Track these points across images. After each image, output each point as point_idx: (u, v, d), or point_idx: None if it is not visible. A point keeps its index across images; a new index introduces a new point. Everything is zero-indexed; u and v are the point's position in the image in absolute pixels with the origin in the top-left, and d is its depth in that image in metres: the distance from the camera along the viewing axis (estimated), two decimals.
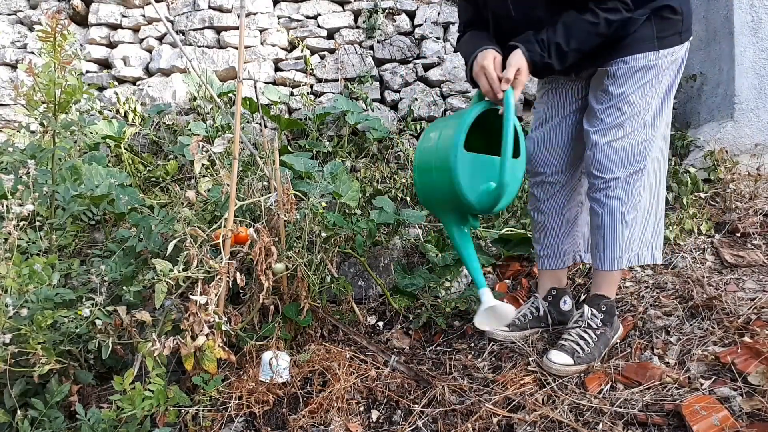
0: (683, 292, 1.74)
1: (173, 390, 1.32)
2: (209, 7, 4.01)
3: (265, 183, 1.77)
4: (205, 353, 1.37)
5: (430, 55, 3.86)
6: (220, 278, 1.40)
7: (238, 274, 1.44)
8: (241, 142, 1.65)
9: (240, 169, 2.04)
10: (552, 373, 1.43)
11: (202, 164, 1.43)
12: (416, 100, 3.68)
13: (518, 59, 1.35)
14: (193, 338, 1.34)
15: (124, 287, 1.46)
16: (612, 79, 1.44)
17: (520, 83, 1.35)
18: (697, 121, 3.07)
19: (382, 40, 3.94)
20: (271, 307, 1.61)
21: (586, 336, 1.47)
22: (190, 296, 1.36)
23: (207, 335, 1.36)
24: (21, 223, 1.35)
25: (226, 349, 1.44)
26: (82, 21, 4.10)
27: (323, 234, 1.83)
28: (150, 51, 4.01)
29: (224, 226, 1.45)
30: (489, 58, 1.40)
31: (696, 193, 2.50)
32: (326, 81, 3.89)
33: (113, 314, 1.36)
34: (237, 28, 3.98)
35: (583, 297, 1.87)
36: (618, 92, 1.43)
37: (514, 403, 1.34)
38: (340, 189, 2.20)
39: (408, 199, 2.78)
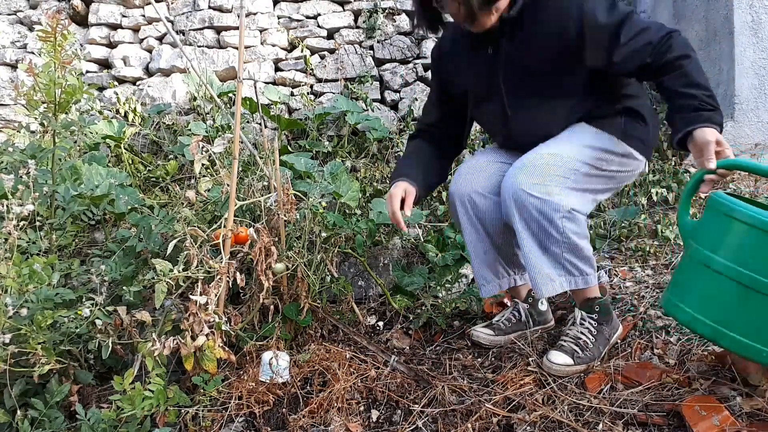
0: None
1: (173, 390, 1.32)
2: (209, 7, 4.01)
3: (265, 183, 1.77)
4: (205, 353, 1.37)
5: (430, 55, 3.85)
6: (220, 278, 1.40)
7: (238, 274, 1.44)
8: (241, 142, 1.65)
9: (240, 169, 2.04)
10: (552, 373, 1.43)
11: (202, 164, 1.43)
12: (416, 100, 3.68)
13: (707, 135, 1.18)
14: (193, 338, 1.34)
15: (124, 287, 1.46)
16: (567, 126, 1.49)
17: (728, 151, 1.17)
18: None
19: (382, 40, 3.94)
20: (271, 307, 1.61)
21: (583, 336, 1.47)
22: (191, 296, 1.36)
23: (207, 335, 1.36)
24: (21, 223, 1.35)
25: (227, 349, 1.44)
26: (82, 21, 4.10)
27: (323, 234, 1.83)
28: (150, 51, 4.01)
29: (224, 226, 1.45)
30: (399, 189, 1.51)
31: (696, 193, 2.49)
32: (326, 81, 3.89)
33: (113, 314, 1.36)
34: (237, 28, 3.98)
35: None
36: (563, 134, 1.46)
37: (514, 403, 1.34)
38: (340, 189, 2.20)
39: None
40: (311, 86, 3.88)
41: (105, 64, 4.05)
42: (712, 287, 1.11)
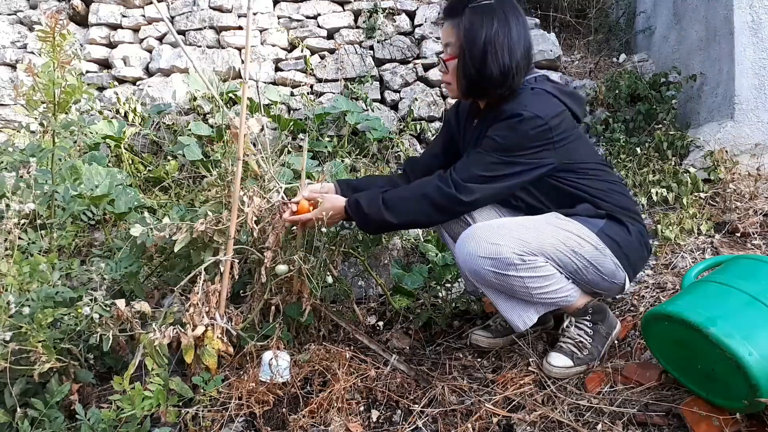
0: None
1: (175, 382, 1.31)
2: (209, 7, 4.01)
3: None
4: (206, 348, 1.37)
5: (430, 55, 3.86)
6: (221, 275, 1.40)
7: (236, 264, 1.45)
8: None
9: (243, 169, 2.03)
10: (552, 375, 1.43)
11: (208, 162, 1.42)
12: (416, 100, 3.68)
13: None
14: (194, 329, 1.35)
15: (122, 279, 1.46)
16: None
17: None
18: (697, 121, 3.07)
19: (382, 40, 3.94)
20: (272, 307, 1.61)
21: (580, 337, 1.47)
22: (198, 279, 1.36)
23: (206, 326, 1.36)
24: (21, 222, 1.35)
25: (224, 340, 1.44)
26: (82, 21, 4.10)
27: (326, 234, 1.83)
28: (150, 51, 4.01)
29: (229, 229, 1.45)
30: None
31: (696, 193, 2.50)
32: (326, 81, 3.89)
33: (113, 306, 1.36)
34: (237, 28, 3.98)
35: None
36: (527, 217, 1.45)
37: (514, 403, 1.34)
38: None
39: None
40: (311, 86, 3.88)
41: (105, 64, 4.04)
42: None
